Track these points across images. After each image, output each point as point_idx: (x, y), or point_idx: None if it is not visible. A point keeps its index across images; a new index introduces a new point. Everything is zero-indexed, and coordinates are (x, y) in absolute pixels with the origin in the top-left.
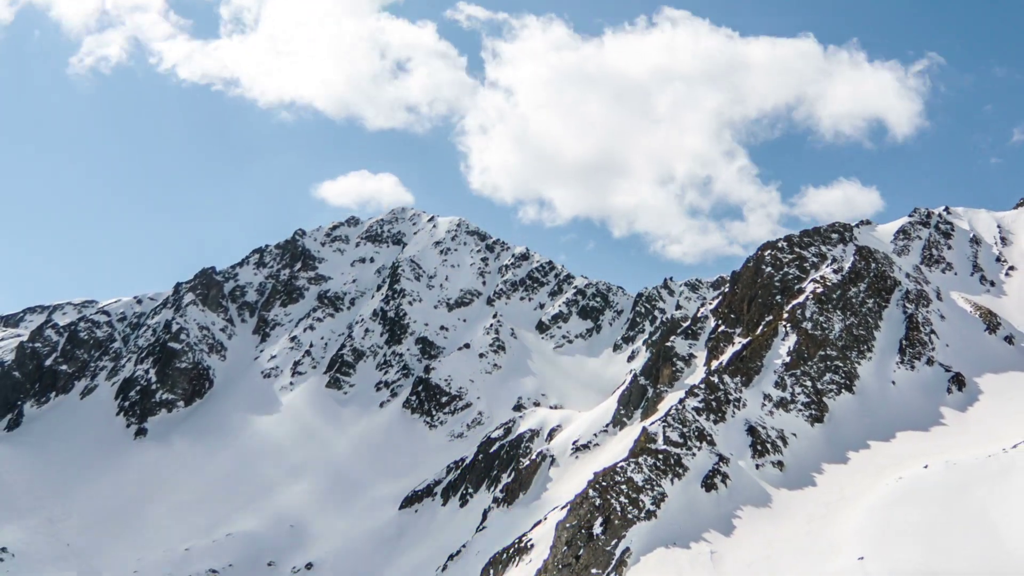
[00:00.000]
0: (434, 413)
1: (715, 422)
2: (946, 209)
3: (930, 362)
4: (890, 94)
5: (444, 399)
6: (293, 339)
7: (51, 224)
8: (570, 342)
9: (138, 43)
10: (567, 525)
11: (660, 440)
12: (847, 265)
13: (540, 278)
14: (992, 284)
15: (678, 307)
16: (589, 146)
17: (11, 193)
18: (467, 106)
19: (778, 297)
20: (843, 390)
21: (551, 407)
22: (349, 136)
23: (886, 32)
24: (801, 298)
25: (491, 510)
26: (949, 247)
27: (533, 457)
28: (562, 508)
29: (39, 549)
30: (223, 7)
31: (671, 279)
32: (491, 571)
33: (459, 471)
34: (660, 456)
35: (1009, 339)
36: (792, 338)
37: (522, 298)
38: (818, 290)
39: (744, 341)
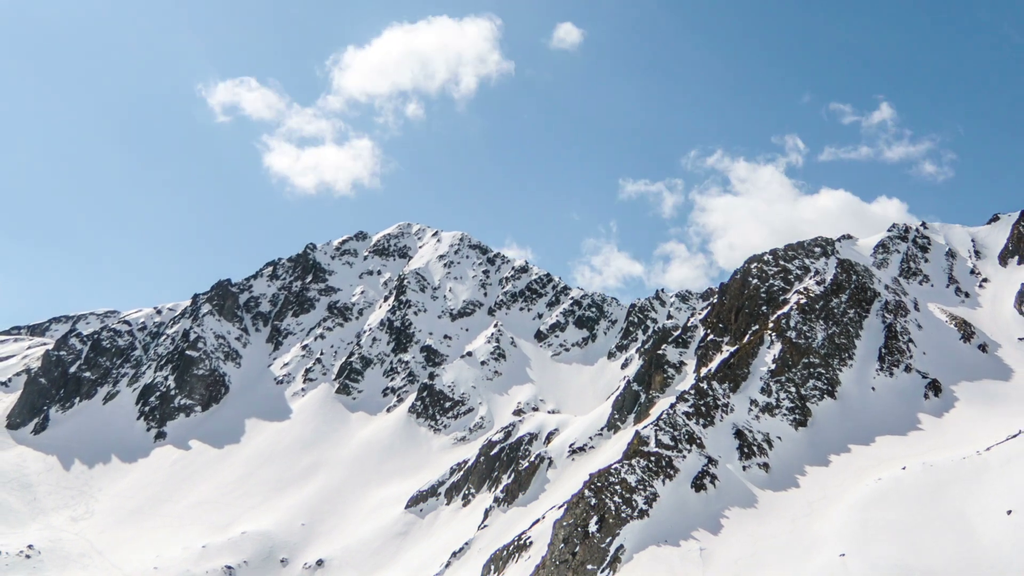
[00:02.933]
0: (438, 418)
1: (704, 426)
2: (923, 224)
3: (908, 369)
4: None
5: (448, 404)
6: (304, 348)
7: (76, 238)
8: (567, 350)
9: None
10: (564, 524)
11: (652, 443)
12: (829, 277)
13: (539, 289)
14: (967, 295)
15: (669, 317)
16: None
17: (38, 209)
18: None
19: (764, 307)
20: (825, 396)
21: (549, 412)
22: None
23: None
24: (786, 308)
25: (492, 509)
26: (926, 260)
27: (532, 459)
28: (559, 507)
29: (63, 547)
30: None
31: (663, 291)
32: (492, 567)
33: (462, 472)
34: (652, 458)
35: (983, 347)
36: (777, 346)
37: (521, 308)
38: (802, 301)
39: (732, 349)
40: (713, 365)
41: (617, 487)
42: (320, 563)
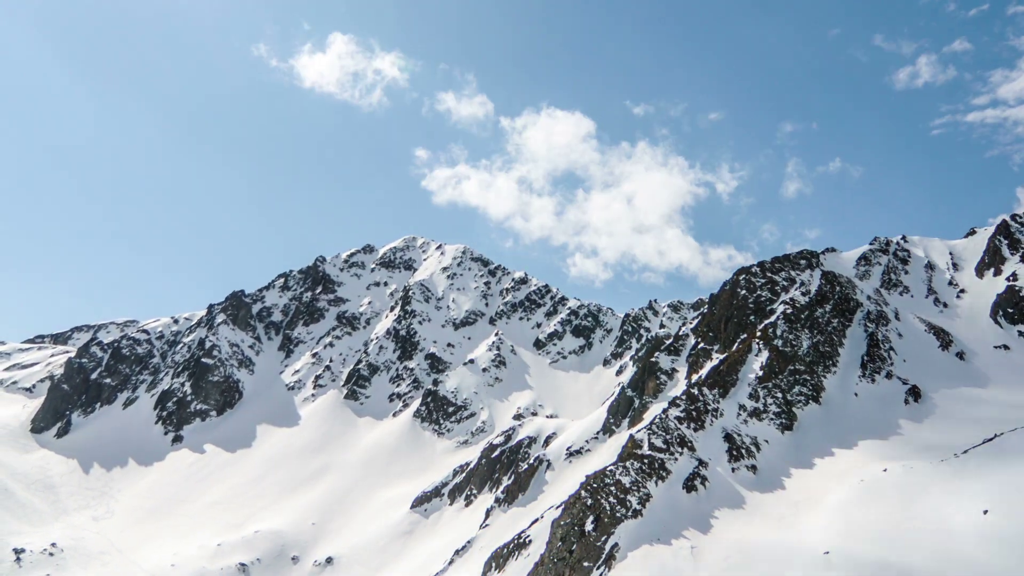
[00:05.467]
0: (442, 422)
1: (695, 430)
2: (903, 238)
3: (889, 376)
4: None
5: (451, 409)
6: (314, 355)
7: (97, 252)
8: (564, 358)
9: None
10: (562, 523)
11: (645, 446)
12: (814, 288)
13: (537, 300)
14: (945, 306)
15: (662, 326)
16: None
17: (60, 226)
18: None
19: (752, 317)
20: (810, 401)
21: (547, 417)
22: None
23: None
24: (772, 318)
25: (493, 509)
26: (906, 272)
27: (531, 461)
28: (557, 507)
29: (85, 545)
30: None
31: (655, 301)
32: (493, 564)
33: (464, 474)
34: (645, 460)
35: (960, 355)
36: (764, 354)
37: (521, 318)
38: (788, 311)
39: (721, 357)
40: (704, 372)
41: (612, 488)
42: (329, 561)
